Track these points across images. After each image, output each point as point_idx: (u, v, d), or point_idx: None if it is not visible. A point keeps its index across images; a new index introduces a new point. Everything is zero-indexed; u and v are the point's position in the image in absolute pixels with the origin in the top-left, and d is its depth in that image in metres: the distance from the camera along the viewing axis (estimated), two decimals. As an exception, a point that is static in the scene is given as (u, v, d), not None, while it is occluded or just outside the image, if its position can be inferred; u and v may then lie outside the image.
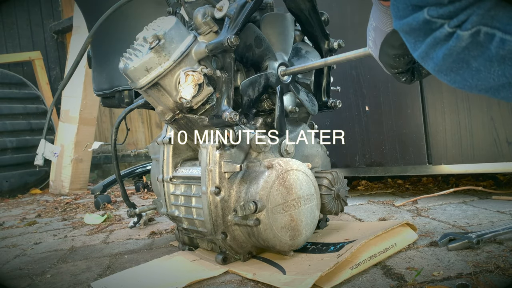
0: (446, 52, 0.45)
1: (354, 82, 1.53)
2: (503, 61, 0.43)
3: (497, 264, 0.74)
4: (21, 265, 1.09)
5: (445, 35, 0.45)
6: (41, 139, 1.36)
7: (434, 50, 0.46)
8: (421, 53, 0.48)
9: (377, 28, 0.60)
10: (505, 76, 0.44)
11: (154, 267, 0.93)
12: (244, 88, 0.89)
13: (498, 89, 0.46)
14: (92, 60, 1.60)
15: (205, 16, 0.89)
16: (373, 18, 0.61)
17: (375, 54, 0.64)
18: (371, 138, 1.51)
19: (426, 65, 0.49)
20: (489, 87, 0.46)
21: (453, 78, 0.48)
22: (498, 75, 0.44)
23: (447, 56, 0.46)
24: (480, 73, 0.45)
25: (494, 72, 0.44)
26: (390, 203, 1.41)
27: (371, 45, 0.65)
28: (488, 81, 0.45)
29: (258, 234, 0.84)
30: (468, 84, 0.47)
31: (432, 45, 0.46)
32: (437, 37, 0.45)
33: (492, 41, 0.43)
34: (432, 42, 0.46)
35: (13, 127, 3.12)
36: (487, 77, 0.45)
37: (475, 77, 0.46)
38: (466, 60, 0.45)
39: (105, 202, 1.95)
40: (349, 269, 0.77)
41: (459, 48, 0.44)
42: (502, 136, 1.24)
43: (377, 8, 0.58)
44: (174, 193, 1.00)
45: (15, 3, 3.77)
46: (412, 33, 0.47)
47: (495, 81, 0.45)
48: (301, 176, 0.88)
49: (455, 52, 0.45)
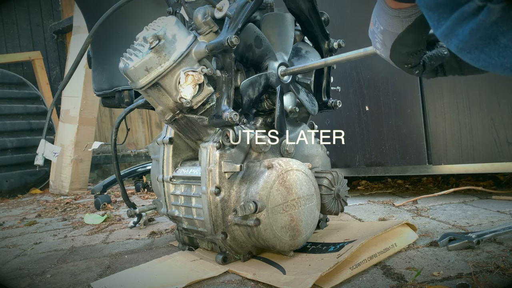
0: (474, 27, 0.43)
1: (354, 82, 1.53)
2: None
3: (497, 264, 0.74)
4: (21, 265, 1.09)
5: (474, 9, 0.43)
6: (41, 139, 1.35)
7: (461, 26, 0.44)
8: (445, 30, 0.46)
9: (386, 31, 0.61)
10: None
11: (154, 267, 0.93)
12: (244, 88, 0.89)
13: None
14: (92, 60, 1.60)
15: (205, 16, 0.89)
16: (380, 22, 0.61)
17: (385, 54, 0.65)
18: (371, 138, 1.51)
19: (449, 43, 0.47)
20: None
21: (477, 56, 0.46)
22: None
23: (474, 31, 0.44)
24: (508, 49, 0.43)
25: None
26: (390, 203, 1.41)
27: (379, 47, 0.65)
28: None
29: (258, 234, 0.84)
30: (493, 62, 0.45)
31: (459, 20, 0.44)
32: (465, 11, 0.43)
33: None
34: (459, 17, 0.44)
35: (13, 127, 3.12)
36: None
37: (502, 54, 0.44)
38: (494, 36, 0.43)
39: (105, 202, 1.95)
40: (349, 269, 0.77)
41: (488, 23, 0.42)
42: (502, 136, 1.24)
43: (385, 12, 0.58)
44: (174, 193, 1.00)
45: (15, 3, 3.77)
46: (436, 9, 0.46)
47: None
48: (301, 176, 0.88)
49: (483, 27, 0.43)
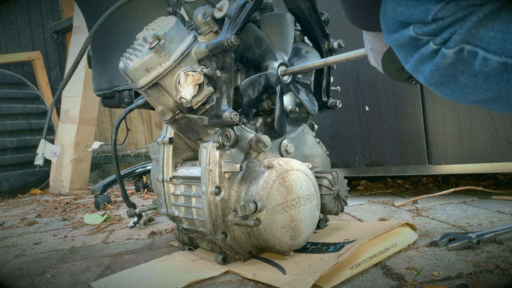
0: (434, 68, 0.47)
1: (354, 82, 1.53)
2: (487, 77, 0.44)
3: (497, 264, 0.74)
4: (21, 265, 1.09)
5: (431, 51, 0.46)
6: (41, 139, 1.36)
7: (422, 65, 0.48)
8: (411, 67, 0.49)
9: (374, 49, 0.63)
10: (491, 91, 0.45)
11: (154, 267, 0.93)
12: (244, 88, 0.89)
13: (486, 102, 0.47)
14: (92, 60, 1.60)
15: (205, 16, 0.89)
16: (367, 41, 0.64)
17: (379, 69, 0.67)
18: (371, 138, 1.51)
19: (418, 77, 0.50)
20: (478, 100, 0.48)
21: (443, 91, 0.49)
22: (484, 89, 0.45)
23: (435, 71, 0.47)
24: (467, 87, 0.46)
25: (480, 87, 0.45)
26: (390, 203, 1.41)
27: (373, 62, 0.68)
28: (476, 94, 0.47)
29: (258, 234, 0.84)
30: (458, 96, 0.49)
31: (420, 61, 0.48)
32: (423, 53, 0.47)
33: (475, 59, 0.44)
34: (419, 57, 0.47)
35: (13, 127, 3.11)
36: (474, 91, 0.46)
37: (463, 90, 0.47)
38: (454, 75, 0.46)
39: (105, 202, 1.94)
40: (349, 269, 0.77)
41: (446, 64, 0.46)
42: (502, 136, 1.24)
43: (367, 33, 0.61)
44: (174, 193, 1.00)
45: (15, 3, 3.77)
46: (401, 47, 0.49)
47: (482, 94, 0.46)
48: (301, 176, 0.88)
49: (442, 68, 0.46)
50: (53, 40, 3.92)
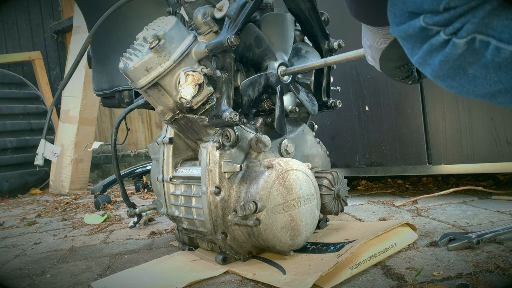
0: (443, 59, 0.46)
1: (354, 82, 1.53)
2: (498, 68, 0.43)
3: (497, 264, 0.74)
4: (21, 265, 1.09)
5: (441, 42, 0.45)
6: (41, 139, 1.36)
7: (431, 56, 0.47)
8: (419, 59, 0.49)
9: (372, 46, 0.63)
10: (501, 83, 0.44)
11: (154, 267, 0.93)
12: (244, 88, 0.89)
13: (494, 95, 0.47)
14: (92, 60, 1.60)
15: (205, 16, 0.89)
16: (366, 37, 0.63)
17: (376, 67, 0.67)
18: (371, 138, 1.51)
19: (424, 70, 0.49)
20: (486, 92, 0.47)
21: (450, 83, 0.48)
22: (494, 81, 0.45)
23: (444, 62, 0.46)
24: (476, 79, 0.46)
25: (490, 79, 0.45)
26: (390, 203, 1.41)
27: (371, 60, 0.67)
28: (485, 87, 0.46)
29: (258, 234, 0.84)
30: (465, 89, 0.48)
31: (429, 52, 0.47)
32: (433, 44, 0.46)
33: (487, 49, 0.43)
34: (428, 48, 0.47)
35: (13, 127, 3.12)
36: (483, 83, 0.46)
37: (472, 83, 0.46)
38: (463, 67, 0.46)
39: (105, 202, 1.94)
40: (349, 269, 0.77)
41: (455, 55, 0.45)
42: (502, 136, 1.24)
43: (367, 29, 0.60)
44: (174, 193, 1.00)
45: (15, 3, 3.77)
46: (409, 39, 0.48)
47: (492, 87, 0.45)
48: (301, 176, 0.88)
49: (451, 59, 0.45)
50: (53, 40, 3.92)
